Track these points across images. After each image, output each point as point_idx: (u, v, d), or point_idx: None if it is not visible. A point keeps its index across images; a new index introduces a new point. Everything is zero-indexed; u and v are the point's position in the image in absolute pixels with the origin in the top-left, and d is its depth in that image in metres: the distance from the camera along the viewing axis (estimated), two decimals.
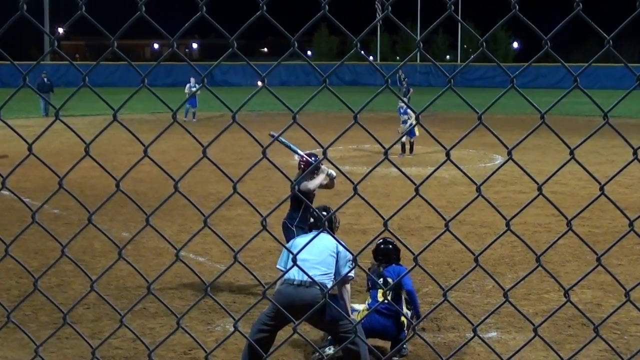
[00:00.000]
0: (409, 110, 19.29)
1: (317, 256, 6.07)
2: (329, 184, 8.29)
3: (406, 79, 43.16)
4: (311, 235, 6.31)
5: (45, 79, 32.31)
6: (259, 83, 2.16)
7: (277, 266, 6.45)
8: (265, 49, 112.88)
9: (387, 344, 6.82)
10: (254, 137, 2.27)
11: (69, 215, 11.83)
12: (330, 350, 6.59)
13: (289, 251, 5.89)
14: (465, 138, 2.18)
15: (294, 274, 5.95)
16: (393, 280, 6.68)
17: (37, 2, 59.36)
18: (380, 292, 6.76)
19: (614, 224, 11.47)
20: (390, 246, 6.95)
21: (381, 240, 7.02)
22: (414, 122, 18.63)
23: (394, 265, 6.87)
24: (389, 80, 2.18)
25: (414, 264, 2.36)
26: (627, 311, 7.35)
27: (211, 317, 7.61)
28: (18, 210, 12.05)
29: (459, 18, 2.29)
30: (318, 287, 5.81)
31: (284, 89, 47.55)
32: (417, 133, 19.26)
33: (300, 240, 6.43)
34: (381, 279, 6.75)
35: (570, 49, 76.32)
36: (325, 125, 24.79)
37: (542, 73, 55.43)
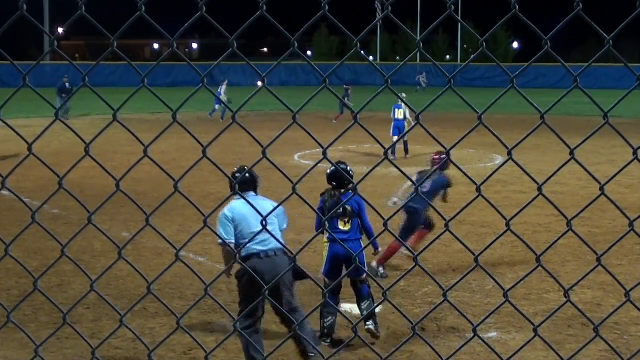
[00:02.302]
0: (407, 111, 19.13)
1: (271, 224, 5.97)
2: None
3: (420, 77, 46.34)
4: (254, 201, 6.00)
5: (67, 84, 30.21)
6: (259, 83, 2.16)
7: (222, 241, 6.11)
8: (265, 49, 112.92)
9: (385, 347, 6.82)
10: (254, 137, 2.27)
11: (69, 215, 11.83)
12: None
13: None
14: (465, 138, 2.18)
15: (258, 248, 5.90)
16: (353, 208, 6.86)
17: (37, 2, 59.39)
18: (341, 221, 6.92)
19: (614, 224, 11.47)
20: (342, 167, 6.94)
21: (333, 166, 7.04)
22: (414, 123, 18.43)
23: (350, 193, 6.89)
24: (389, 80, 2.18)
25: (414, 264, 2.36)
26: (627, 311, 7.35)
27: (211, 317, 7.61)
28: (18, 210, 12.05)
29: (459, 18, 2.28)
30: (285, 255, 5.93)
31: (284, 89, 47.58)
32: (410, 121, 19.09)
33: (239, 207, 6.08)
34: (340, 209, 6.81)
35: (570, 49, 76.36)
36: (325, 125, 24.80)
37: (542, 73, 55.44)
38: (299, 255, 2.35)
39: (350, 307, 7.89)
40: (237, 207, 6.10)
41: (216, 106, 29.89)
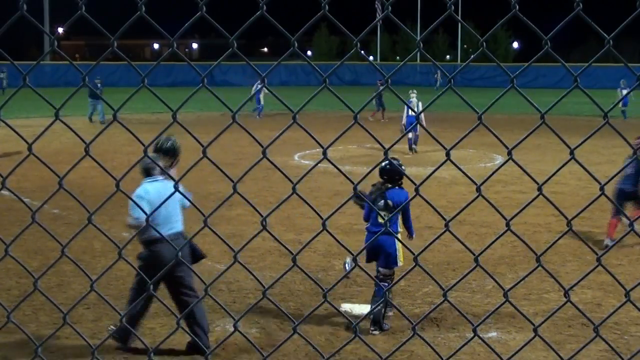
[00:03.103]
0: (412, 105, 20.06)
1: (175, 209, 6.61)
2: None
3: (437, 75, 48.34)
4: (163, 185, 6.57)
5: (99, 84, 28.71)
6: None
7: (136, 216, 6.48)
8: (265, 49, 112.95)
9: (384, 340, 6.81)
10: (254, 137, 2.27)
11: (69, 215, 11.83)
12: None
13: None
14: (465, 138, 2.18)
15: (163, 230, 6.33)
16: (394, 203, 7.35)
17: (37, 2, 59.41)
18: (380, 215, 7.31)
19: None
20: (396, 163, 7.60)
21: (387, 162, 7.51)
22: (408, 129, 19.30)
23: (397, 189, 7.48)
24: (389, 80, 2.18)
25: (414, 264, 2.36)
26: (627, 311, 7.35)
27: (211, 317, 7.60)
28: (18, 210, 12.05)
29: (459, 18, 2.28)
30: (183, 238, 6.52)
31: (284, 88, 47.60)
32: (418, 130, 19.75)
33: (151, 189, 6.56)
34: (382, 201, 7.35)
35: (570, 49, 76.39)
36: (325, 125, 24.79)
37: (542, 73, 55.43)
38: (299, 255, 2.35)
39: (350, 307, 7.90)
40: (149, 189, 6.58)
41: (260, 105, 31.22)
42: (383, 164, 7.58)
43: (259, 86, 31.34)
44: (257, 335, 7.13)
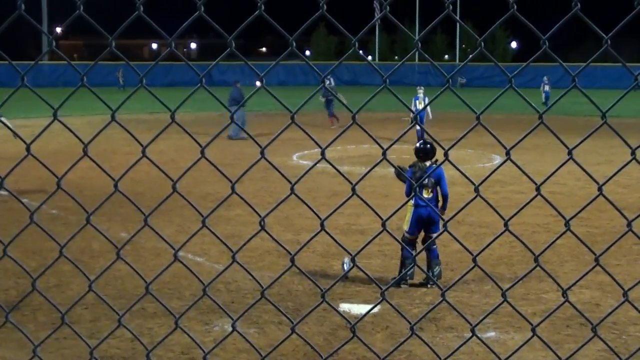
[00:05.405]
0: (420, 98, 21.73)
1: None
2: None
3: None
4: None
5: (240, 91, 23.38)
6: (257, 83, 2.16)
7: None
8: (264, 49, 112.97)
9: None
10: (252, 138, 2.27)
11: (67, 216, 11.82)
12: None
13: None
14: (463, 138, 2.18)
15: None
16: (434, 180, 8.47)
17: (35, 2, 59.39)
18: (425, 190, 8.47)
19: (612, 224, 11.48)
20: (429, 146, 8.65)
21: (421, 141, 8.80)
22: (412, 122, 19.75)
23: (434, 166, 8.57)
24: (387, 80, 2.18)
25: (413, 263, 2.36)
26: (626, 311, 7.35)
27: (209, 317, 7.61)
28: (16, 210, 12.02)
29: (457, 18, 2.29)
30: None
31: (282, 88, 47.59)
32: (430, 117, 21.84)
33: None
34: (427, 179, 8.32)
35: (569, 48, 76.44)
36: (325, 125, 24.80)
37: (541, 73, 55.45)
38: (298, 255, 2.35)
39: (349, 307, 7.90)
40: None
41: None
42: (417, 144, 8.79)
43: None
44: (256, 335, 7.13)
